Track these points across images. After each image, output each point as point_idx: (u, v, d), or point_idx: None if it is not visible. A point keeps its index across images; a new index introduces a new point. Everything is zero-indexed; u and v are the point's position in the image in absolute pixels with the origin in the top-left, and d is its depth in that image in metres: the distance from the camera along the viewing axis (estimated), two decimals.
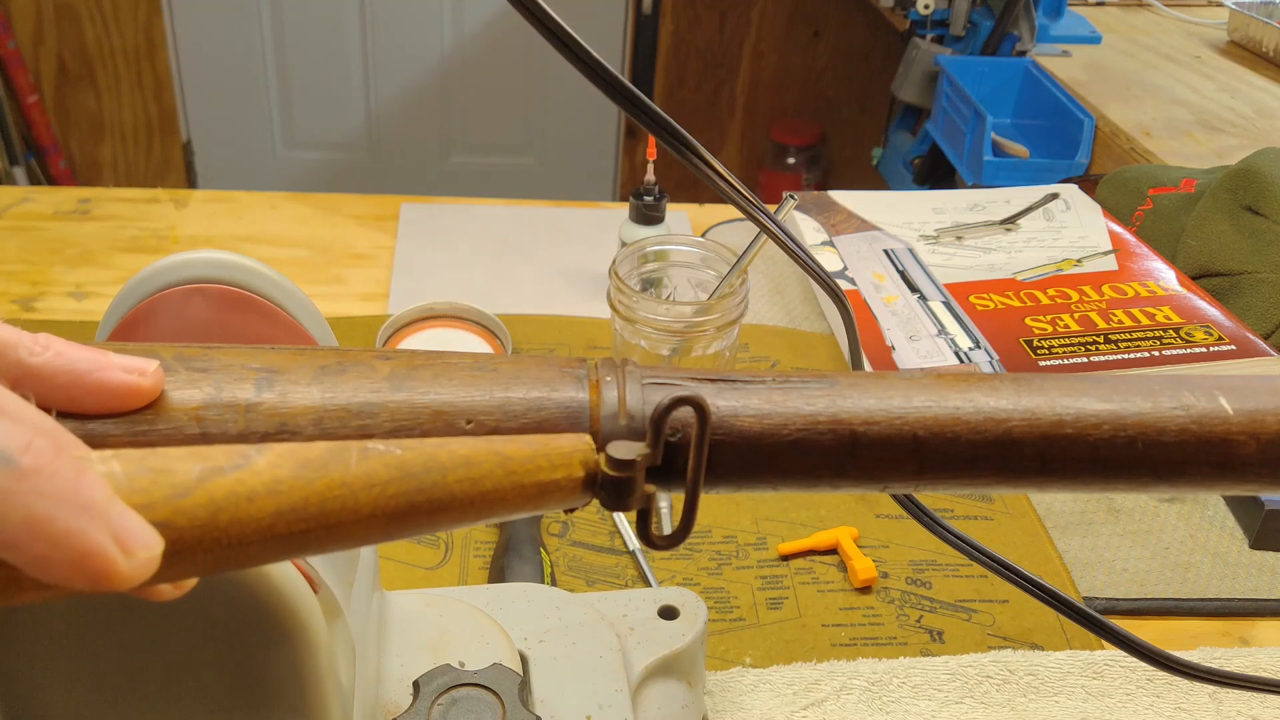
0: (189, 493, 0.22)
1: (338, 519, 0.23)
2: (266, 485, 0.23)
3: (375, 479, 0.24)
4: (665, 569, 0.65)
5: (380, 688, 0.43)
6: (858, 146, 2.63)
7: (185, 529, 0.22)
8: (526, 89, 2.58)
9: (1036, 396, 0.29)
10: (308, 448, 0.24)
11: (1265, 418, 0.28)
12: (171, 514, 0.22)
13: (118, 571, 0.21)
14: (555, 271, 0.96)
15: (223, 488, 0.22)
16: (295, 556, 0.24)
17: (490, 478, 0.25)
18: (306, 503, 0.23)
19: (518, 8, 0.29)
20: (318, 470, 0.23)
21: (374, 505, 0.24)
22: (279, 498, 0.23)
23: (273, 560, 0.24)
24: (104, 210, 1.01)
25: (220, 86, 2.53)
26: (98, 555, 0.20)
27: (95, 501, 0.21)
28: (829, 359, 0.86)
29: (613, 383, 0.28)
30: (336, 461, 0.24)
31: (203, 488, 0.22)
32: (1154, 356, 0.76)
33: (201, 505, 0.22)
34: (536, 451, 0.26)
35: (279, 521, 0.23)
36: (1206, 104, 1.44)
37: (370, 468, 0.24)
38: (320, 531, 0.23)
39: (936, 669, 0.59)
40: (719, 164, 0.33)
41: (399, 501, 0.24)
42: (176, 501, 0.22)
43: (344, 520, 0.24)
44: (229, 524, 0.22)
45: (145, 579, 0.21)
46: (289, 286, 0.39)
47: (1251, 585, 0.66)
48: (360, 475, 0.24)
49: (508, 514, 0.26)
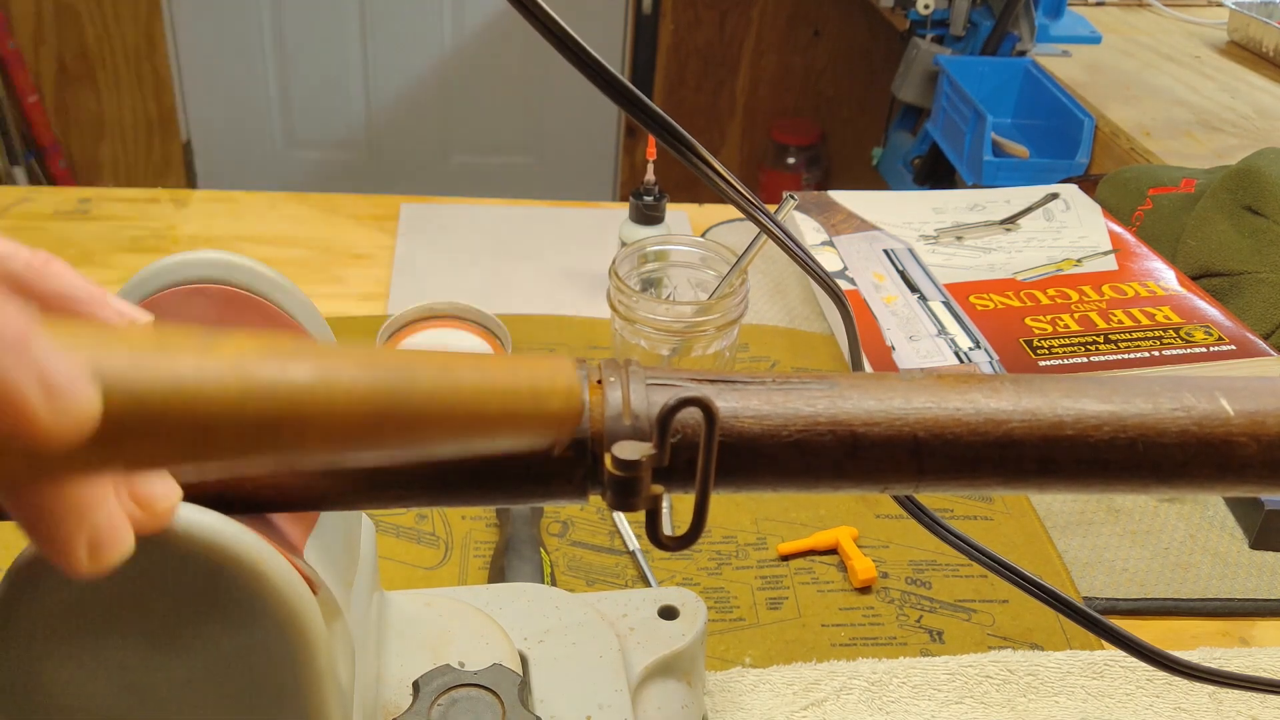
0: (150, 364, 0.20)
1: (309, 410, 0.22)
2: (234, 365, 0.21)
3: (342, 369, 0.23)
4: (665, 569, 0.65)
5: (380, 688, 0.43)
6: (858, 146, 2.63)
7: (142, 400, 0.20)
8: (526, 89, 2.58)
9: (1037, 397, 0.29)
10: (275, 338, 0.23)
11: (1266, 419, 0.28)
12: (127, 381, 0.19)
13: (40, 417, 0.18)
14: (555, 271, 0.96)
15: (189, 362, 0.20)
16: (261, 456, 0.22)
17: (467, 383, 0.24)
18: (274, 390, 0.21)
19: (518, 8, 0.29)
20: (287, 350, 0.22)
21: (346, 399, 0.22)
22: (245, 380, 0.21)
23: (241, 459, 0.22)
24: (104, 210, 1.01)
25: (220, 86, 2.53)
26: (14, 395, 0.18)
27: (13, 333, 0.18)
28: (829, 359, 0.86)
29: (617, 383, 0.28)
30: (307, 349, 0.23)
31: (166, 359, 0.20)
32: (1154, 356, 0.76)
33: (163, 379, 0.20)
34: (517, 364, 0.25)
35: (246, 405, 0.21)
36: (1206, 104, 1.44)
37: (338, 359, 0.23)
38: (289, 426, 0.22)
39: (936, 669, 0.59)
40: (719, 164, 0.33)
41: (372, 398, 0.23)
42: (136, 370, 0.20)
43: (316, 413, 0.22)
44: (191, 399, 0.20)
45: (73, 436, 0.19)
46: (289, 286, 0.39)
47: (1251, 585, 0.66)
48: (326, 363, 0.22)
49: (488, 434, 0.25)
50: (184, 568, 0.29)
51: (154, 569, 0.29)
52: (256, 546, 0.29)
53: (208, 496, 0.29)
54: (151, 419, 0.20)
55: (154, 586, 0.29)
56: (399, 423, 0.23)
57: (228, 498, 0.30)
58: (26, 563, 0.28)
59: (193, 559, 0.28)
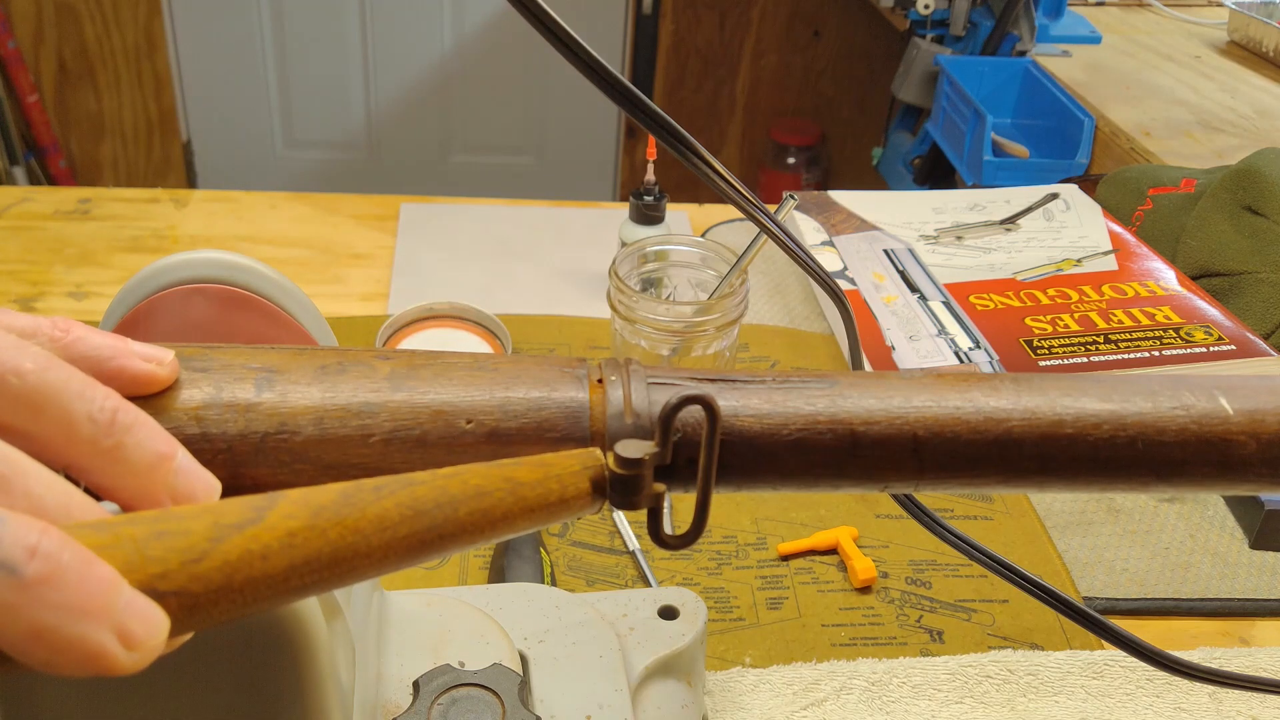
0: (204, 556, 0.22)
1: (351, 564, 0.23)
2: (280, 540, 0.22)
3: (388, 520, 0.24)
4: (665, 569, 0.65)
5: (380, 688, 0.43)
6: (858, 146, 2.63)
7: (200, 594, 0.22)
8: (526, 89, 2.58)
9: (1036, 396, 0.29)
10: (320, 492, 0.24)
11: (1265, 418, 0.28)
12: (187, 580, 0.21)
13: (120, 665, 0.20)
14: (555, 271, 0.96)
15: (237, 547, 0.22)
16: (306, 597, 0.24)
17: (501, 505, 0.25)
18: (320, 553, 0.23)
19: (518, 8, 0.29)
20: (331, 519, 0.23)
21: (387, 547, 0.24)
22: (293, 551, 0.23)
23: (284, 604, 0.23)
24: (104, 210, 1.01)
25: (220, 86, 2.53)
26: (99, 655, 0.20)
27: (100, 602, 0.20)
28: (829, 359, 0.86)
29: (618, 382, 0.28)
30: (350, 506, 0.24)
31: (217, 549, 0.22)
32: (1154, 356, 0.76)
33: (215, 568, 0.22)
34: (547, 474, 0.26)
35: (293, 574, 0.23)
36: (1206, 104, 1.44)
37: (384, 509, 0.24)
38: (332, 576, 0.23)
39: (936, 669, 0.59)
40: (719, 164, 0.33)
41: (411, 541, 0.24)
42: (191, 568, 0.21)
43: (357, 564, 0.24)
44: (244, 583, 0.22)
45: (149, 663, 0.21)
46: (289, 286, 0.39)
47: (1251, 585, 0.66)
48: (373, 518, 0.24)
49: (517, 533, 0.26)
50: None
51: None
52: None
53: None
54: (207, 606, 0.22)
55: None
56: (434, 551, 0.25)
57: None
58: None
59: None
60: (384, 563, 0.24)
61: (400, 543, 0.24)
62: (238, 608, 0.22)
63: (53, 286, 0.90)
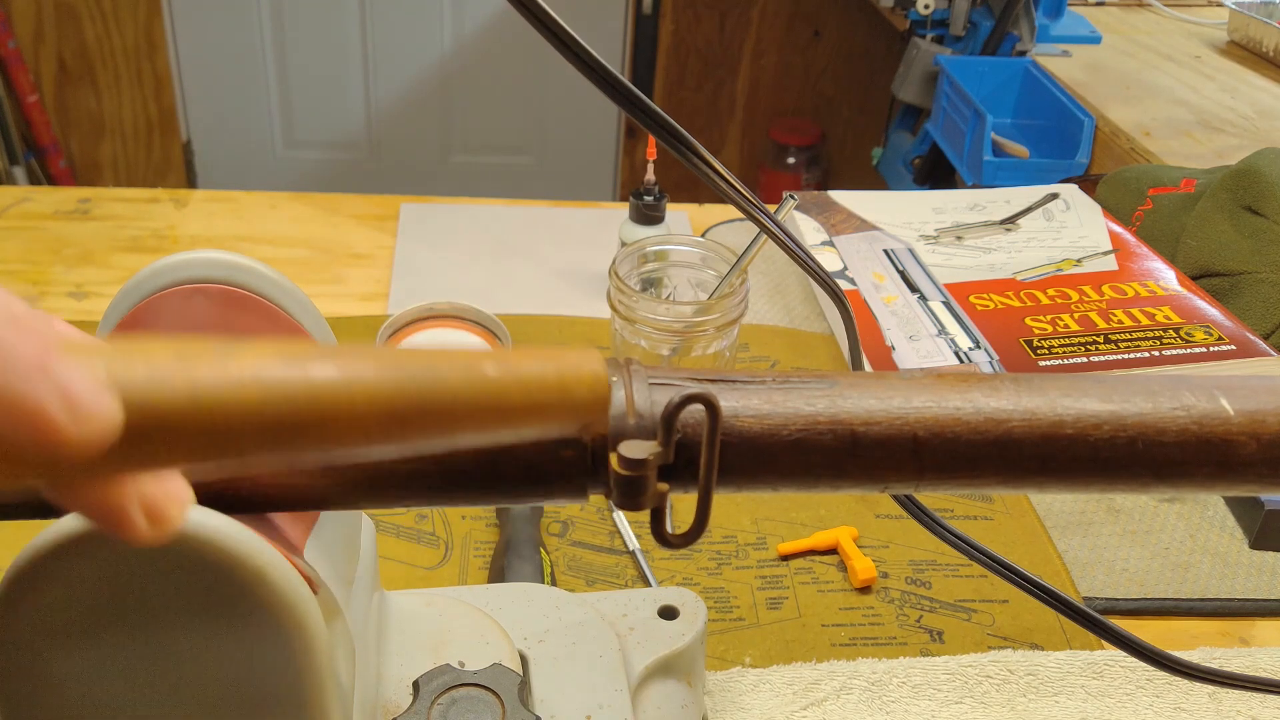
0: (168, 375, 0.21)
1: (331, 413, 0.22)
2: (253, 372, 0.21)
3: (367, 369, 0.23)
4: (665, 569, 0.65)
5: (380, 688, 0.43)
6: (858, 146, 2.63)
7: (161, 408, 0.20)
8: (526, 89, 2.58)
9: (1037, 397, 0.29)
10: (295, 344, 0.23)
11: (1266, 418, 0.28)
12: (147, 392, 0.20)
13: (66, 434, 0.20)
14: (555, 271, 0.96)
15: (206, 371, 0.21)
16: (284, 454, 0.22)
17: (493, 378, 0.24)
18: (294, 394, 0.22)
19: (518, 8, 0.29)
20: (307, 359, 0.22)
21: (369, 400, 0.22)
22: (264, 386, 0.21)
23: (259, 457, 0.22)
24: (104, 210, 1.01)
25: (220, 86, 2.53)
26: (40, 416, 0.19)
27: (41, 357, 0.20)
28: (829, 359, 0.86)
29: (620, 382, 0.28)
30: (328, 351, 0.23)
31: (183, 368, 0.21)
32: (1154, 356, 0.76)
33: (181, 388, 0.21)
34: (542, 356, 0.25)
35: (266, 409, 0.21)
36: (1206, 104, 1.44)
37: (364, 362, 0.23)
38: (311, 427, 0.22)
39: (936, 669, 0.59)
40: (719, 164, 0.33)
41: (396, 399, 0.23)
42: (154, 382, 0.20)
43: (338, 415, 0.22)
44: (211, 406, 0.21)
45: (97, 445, 0.20)
46: (289, 286, 0.39)
47: (1251, 585, 0.66)
48: (353, 368, 0.22)
49: (515, 426, 0.24)
50: (184, 567, 0.29)
51: (155, 569, 0.29)
52: (257, 546, 0.29)
53: (208, 496, 0.29)
54: (172, 426, 0.21)
55: (155, 586, 0.29)
56: (423, 418, 0.23)
57: (228, 498, 0.30)
58: (26, 562, 0.28)
59: (193, 559, 0.28)
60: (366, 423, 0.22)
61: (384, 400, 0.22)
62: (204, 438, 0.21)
63: (53, 287, 0.90)
